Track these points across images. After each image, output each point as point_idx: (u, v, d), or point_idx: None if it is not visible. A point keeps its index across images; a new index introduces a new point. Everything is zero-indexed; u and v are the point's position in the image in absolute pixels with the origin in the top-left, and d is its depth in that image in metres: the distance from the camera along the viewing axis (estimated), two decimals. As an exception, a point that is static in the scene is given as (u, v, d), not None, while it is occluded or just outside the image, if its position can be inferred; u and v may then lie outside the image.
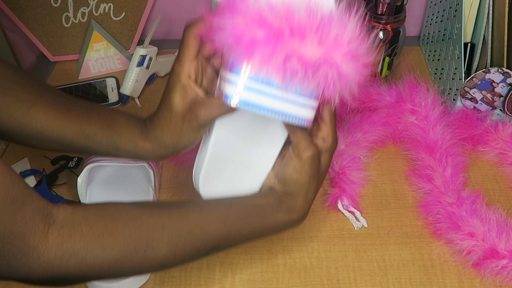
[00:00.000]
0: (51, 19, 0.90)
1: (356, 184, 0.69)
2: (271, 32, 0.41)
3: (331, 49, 0.42)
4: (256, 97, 0.44)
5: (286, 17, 0.41)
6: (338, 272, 0.61)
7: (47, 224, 0.43)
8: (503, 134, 0.74)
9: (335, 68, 0.43)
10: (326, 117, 0.51)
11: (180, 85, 0.49)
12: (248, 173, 0.55)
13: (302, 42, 0.42)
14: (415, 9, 0.96)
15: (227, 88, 0.44)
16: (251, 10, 0.42)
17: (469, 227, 0.61)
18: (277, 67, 0.42)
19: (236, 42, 0.42)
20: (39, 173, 0.72)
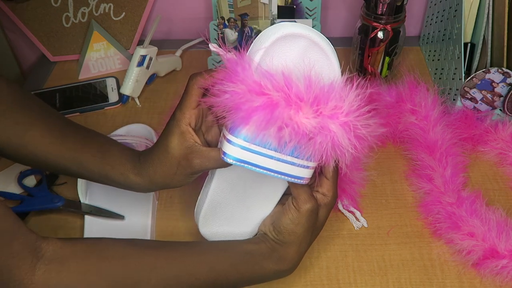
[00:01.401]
0: (51, 19, 0.90)
1: (356, 184, 0.69)
2: (268, 101, 0.43)
3: (327, 118, 0.44)
4: (252, 157, 0.46)
5: (284, 87, 0.43)
6: (338, 272, 0.61)
7: (35, 258, 0.42)
8: (503, 134, 0.74)
9: (330, 137, 0.44)
10: (328, 173, 0.53)
11: (179, 131, 0.50)
12: (246, 217, 0.56)
13: (297, 112, 0.43)
14: (415, 9, 0.96)
15: (225, 146, 0.47)
16: (251, 78, 0.43)
17: (469, 227, 0.61)
18: (271, 135, 0.44)
19: (235, 107, 0.44)
20: (39, 173, 0.72)
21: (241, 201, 0.56)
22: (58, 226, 0.67)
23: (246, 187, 0.55)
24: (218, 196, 0.55)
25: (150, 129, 0.77)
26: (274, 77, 0.44)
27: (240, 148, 0.46)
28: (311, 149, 0.45)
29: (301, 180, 0.49)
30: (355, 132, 0.45)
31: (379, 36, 0.82)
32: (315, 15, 0.86)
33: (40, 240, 0.44)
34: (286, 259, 0.53)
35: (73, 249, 0.45)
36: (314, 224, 0.53)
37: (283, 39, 0.45)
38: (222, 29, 0.86)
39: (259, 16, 0.84)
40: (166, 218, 0.68)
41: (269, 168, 0.47)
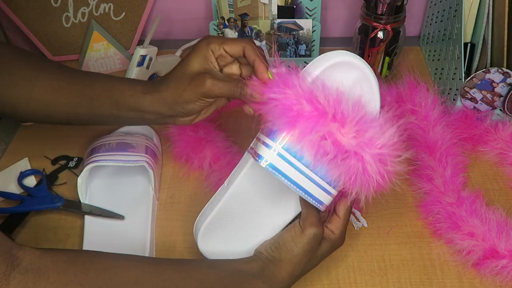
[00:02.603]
0: (51, 19, 0.90)
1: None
2: (317, 109, 0.45)
3: (364, 145, 0.46)
4: (284, 166, 0.48)
5: (334, 101, 0.45)
6: (338, 272, 0.61)
7: (9, 267, 0.40)
8: (503, 134, 0.74)
9: (360, 163, 0.46)
10: (340, 212, 0.54)
11: (202, 53, 0.52)
12: (250, 236, 0.56)
13: (341, 129, 0.45)
14: (415, 9, 0.96)
15: (262, 149, 0.48)
16: (304, 86, 0.45)
17: (469, 227, 0.61)
18: (312, 143, 0.46)
19: (283, 111, 0.46)
20: (39, 173, 0.72)
21: (248, 221, 0.56)
22: (58, 226, 0.67)
23: (256, 207, 0.55)
24: (230, 206, 0.55)
25: (150, 129, 0.77)
26: (327, 89, 0.46)
27: (276, 155, 0.47)
28: (341, 171, 0.46)
29: (320, 205, 0.50)
30: (384, 166, 0.47)
31: (379, 36, 0.82)
32: (315, 15, 0.86)
33: (16, 248, 0.42)
34: (277, 278, 0.52)
35: (54, 259, 0.43)
36: (314, 252, 0.53)
37: (340, 65, 0.48)
38: (222, 29, 0.86)
39: (259, 16, 0.84)
40: (166, 218, 0.68)
41: (296, 182, 0.48)
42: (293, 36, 0.86)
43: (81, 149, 0.75)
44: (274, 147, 0.48)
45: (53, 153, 0.76)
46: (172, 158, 0.75)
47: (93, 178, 0.70)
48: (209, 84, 0.51)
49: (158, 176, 0.71)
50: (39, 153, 0.76)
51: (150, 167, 0.66)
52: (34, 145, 0.78)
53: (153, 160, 0.68)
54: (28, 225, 0.67)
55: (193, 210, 0.68)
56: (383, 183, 0.48)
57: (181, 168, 0.74)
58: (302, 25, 0.85)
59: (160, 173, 0.73)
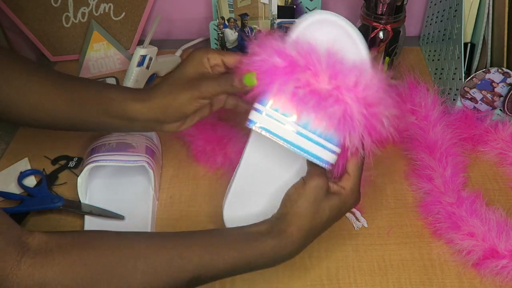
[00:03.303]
0: (51, 19, 0.90)
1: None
2: (288, 62, 0.47)
3: (343, 89, 0.47)
4: (275, 126, 0.50)
5: (305, 52, 0.48)
6: (338, 272, 0.61)
7: (20, 253, 0.42)
8: (503, 134, 0.74)
9: (342, 106, 0.47)
10: (350, 169, 0.54)
11: (198, 59, 0.54)
12: (270, 203, 0.56)
13: (315, 77, 0.47)
14: (415, 9, 0.96)
15: (252, 114, 0.51)
16: (277, 45, 0.49)
17: (469, 227, 0.61)
18: (292, 96, 0.48)
19: (262, 72, 0.49)
20: (39, 173, 0.72)
21: (265, 188, 0.57)
22: (58, 226, 0.67)
23: (269, 174, 0.56)
24: (243, 184, 0.56)
25: (150, 129, 0.77)
26: (300, 44, 0.48)
27: (266, 116, 0.50)
28: (326, 118, 0.48)
29: (322, 163, 0.51)
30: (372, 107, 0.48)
31: (379, 36, 0.82)
32: (315, 15, 0.86)
33: (26, 234, 0.44)
34: (286, 232, 0.51)
35: (59, 242, 0.45)
36: (319, 203, 0.52)
37: (319, 24, 0.50)
38: (222, 29, 0.86)
39: (259, 16, 0.84)
40: (166, 218, 0.68)
41: (291, 141, 0.50)
42: (293, 36, 0.86)
43: (81, 149, 0.75)
44: (263, 110, 0.50)
45: (53, 153, 0.76)
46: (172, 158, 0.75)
47: (93, 178, 0.70)
48: (204, 85, 0.53)
49: (158, 176, 0.71)
50: (39, 153, 0.76)
51: (150, 167, 0.66)
52: (34, 145, 0.78)
53: (153, 160, 0.68)
54: (28, 225, 0.67)
55: (193, 210, 0.68)
56: (373, 127, 0.49)
57: (181, 168, 0.74)
58: (302, 25, 0.85)
59: (160, 173, 0.73)
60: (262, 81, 0.49)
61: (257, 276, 0.61)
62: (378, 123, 0.50)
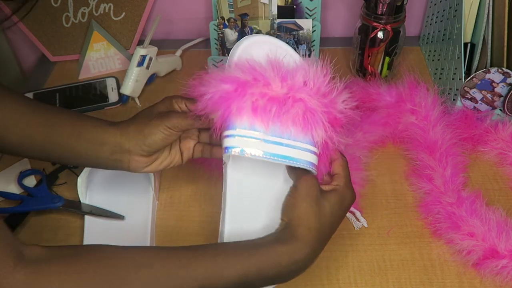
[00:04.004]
0: (51, 19, 0.90)
1: (356, 184, 0.69)
2: (237, 82, 0.49)
3: (297, 89, 0.50)
4: (251, 143, 0.50)
5: (248, 69, 0.50)
6: (338, 272, 0.61)
7: (16, 261, 0.41)
8: (503, 134, 0.74)
9: (302, 103, 0.49)
10: (336, 169, 0.55)
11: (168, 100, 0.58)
12: (267, 212, 0.55)
13: (268, 86, 0.50)
14: (415, 9, 0.96)
15: (225, 141, 0.51)
16: (218, 75, 0.51)
17: (469, 227, 0.61)
18: (252, 110, 0.49)
19: (212, 102, 0.50)
20: (39, 173, 0.72)
21: (258, 204, 0.56)
22: (58, 226, 0.67)
23: (258, 188, 0.56)
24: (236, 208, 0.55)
25: (150, 129, 0.77)
26: (240, 65, 0.51)
27: (237, 138, 0.50)
28: (291, 119, 0.49)
29: (305, 164, 0.51)
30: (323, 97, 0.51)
31: (379, 36, 0.82)
32: (315, 15, 0.86)
33: (24, 246, 0.43)
34: (296, 236, 0.49)
35: (57, 252, 0.44)
36: (317, 198, 0.51)
37: (250, 46, 0.53)
38: (222, 29, 0.86)
39: (259, 16, 0.84)
40: (166, 218, 0.68)
41: (269, 152, 0.50)
42: (293, 36, 0.86)
43: (81, 149, 0.75)
44: (233, 133, 0.50)
45: (53, 153, 0.76)
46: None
47: (93, 178, 0.70)
48: (173, 115, 0.56)
49: (158, 176, 0.71)
50: (39, 153, 0.76)
51: (150, 167, 0.66)
52: (34, 145, 0.78)
53: (153, 160, 0.68)
54: (28, 225, 0.67)
55: (193, 210, 0.68)
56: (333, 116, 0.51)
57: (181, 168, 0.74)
58: (302, 25, 0.85)
59: (160, 173, 0.73)
60: (221, 109, 0.50)
61: (257, 276, 0.61)
62: (336, 111, 0.52)
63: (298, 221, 0.50)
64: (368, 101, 0.78)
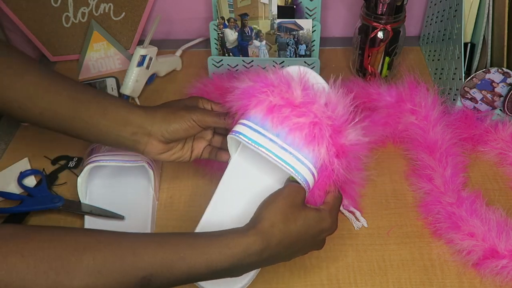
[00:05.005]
0: (51, 19, 0.90)
1: (356, 184, 0.69)
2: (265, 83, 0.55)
3: (313, 104, 0.53)
4: (256, 136, 0.54)
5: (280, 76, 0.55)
6: (338, 272, 0.61)
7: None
8: (503, 134, 0.74)
9: (313, 116, 0.53)
10: (328, 199, 0.56)
11: (194, 99, 0.63)
12: (248, 201, 0.57)
13: (289, 91, 0.54)
14: (415, 9, 0.96)
15: (237, 127, 0.56)
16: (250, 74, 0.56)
17: (469, 227, 0.61)
18: (268, 109, 0.54)
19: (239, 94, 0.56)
20: (39, 173, 0.72)
21: (244, 192, 0.58)
22: (58, 226, 0.67)
23: (252, 178, 0.59)
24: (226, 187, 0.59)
25: (150, 129, 0.77)
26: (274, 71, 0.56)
27: (248, 128, 0.54)
28: (299, 127, 0.53)
29: (299, 176, 0.53)
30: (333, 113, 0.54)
31: (379, 36, 0.82)
32: (315, 15, 0.86)
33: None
34: (256, 229, 0.49)
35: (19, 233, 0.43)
36: (295, 208, 0.51)
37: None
38: (222, 29, 0.86)
39: (259, 16, 0.84)
40: (166, 218, 0.68)
41: (270, 150, 0.53)
42: (293, 36, 0.86)
43: (81, 149, 0.75)
44: (246, 123, 0.55)
45: (53, 153, 0.76)
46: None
47: (93, 178, 0.70)
48: (200, 111, 0.59)
49: (158, 176, 0.71)
50: (39, 153, 0.76)
51: (150, 167, 0.66)
52: (34, 145, 0.78)
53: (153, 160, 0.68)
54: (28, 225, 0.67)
55: (193, 210, 0.68)
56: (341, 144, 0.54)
57: (181, 168, 0.74)
58: (302, 25, 0.85)
59: (160, 173, 0.73)
60: (243, 101, 0.55)
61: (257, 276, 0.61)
62: (344, 139, 0.54)
63: (265, 215, 0.51)
64: (368, 101, 0.78)
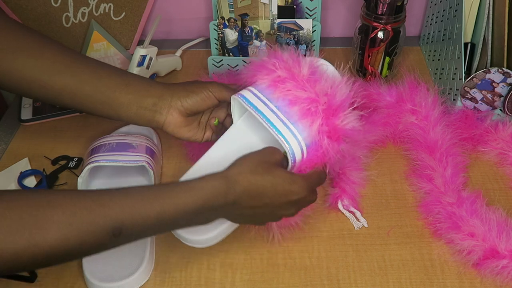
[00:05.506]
0: (51, 19, 0.90)
1: (356, 184, 0.69)
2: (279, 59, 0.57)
3: (315, 84, 0.55)
4: (258, 103, 0.57)
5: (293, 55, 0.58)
6: (339, 272, 0.61)
7: None
8: (503, 134, 0.74)
9: (313, 95, 0.55)
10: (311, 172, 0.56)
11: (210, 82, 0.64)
12: None
13: (296, 68, 0.56)
14: (415, 9, 0.96)
15: (243, 92, 0.59)
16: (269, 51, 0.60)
17: (469, 227, 0.61)
18: (273, 80, 0.57)
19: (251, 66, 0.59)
20: (39, 173, 0.72)
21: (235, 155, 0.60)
22: (58, 226, 0.67)
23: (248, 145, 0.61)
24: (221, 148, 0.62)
25: (150, 129, 0.77)
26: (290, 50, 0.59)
27: (252, 94, 0.57)
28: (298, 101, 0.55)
29: (287, 145, 0.55)
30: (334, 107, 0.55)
31: (379, 36, 0.82)
32: (315, 15, 0.86)
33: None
34: (224, 173, 0.51)
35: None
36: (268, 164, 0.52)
37: None
38: (222, 29, 0.86)
39: (259, 16, 0.84)
40: (166, 218, 0.68)
41: (266, 116, 0.55)
42: (293, 36, 0.86)
43: (81, 149, 0.75)
44: (251, 89, 0.58)
45: (53, 153, 0.76)
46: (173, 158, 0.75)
47: (93, 178, 0.70)
48: (217, 84, 0.62)
49: (158, 176, 0.71)
50: (39, 153, 0.76)
51: (150, 167, 0.66)
52: (34, 145, 0.78)
53: (153, 160, 0.68)
54: (28, 225, 0.67)
55: (193, 210, 0.68)
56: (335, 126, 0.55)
57: (181, 168, 0.74)
58: (302, 25, 0.85)
59: (160, 173, 0.73)
60: (255, 70, 0.58)
61: (257, 276, 0.61)
62: (339, 121, 0.55)
63: (235, 164, 0.53)
64: (368, 101, 0.78)
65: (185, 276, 0.61)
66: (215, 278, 0.61)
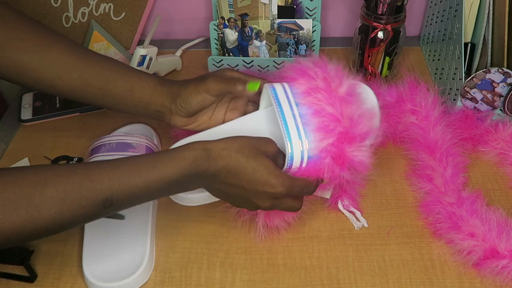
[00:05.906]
0: (51, 19, 0.90)
1: (356, 184, 0.69)
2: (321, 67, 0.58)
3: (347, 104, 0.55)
4: (283, 102, 0.57)
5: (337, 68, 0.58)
6: (339, 272, 0.61)
7: None
8: (503, 134, 0.74)
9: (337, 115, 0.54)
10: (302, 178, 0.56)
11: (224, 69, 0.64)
12: None
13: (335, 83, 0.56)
14: (415, 9, 0.96)
15: (275, 84, 0.59)
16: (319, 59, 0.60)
17: (469, 227, 0.61)
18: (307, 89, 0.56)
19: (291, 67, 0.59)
20: (39, 173, 0.72)
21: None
22: (58, 226, 0.67)
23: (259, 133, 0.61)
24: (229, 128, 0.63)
25: (150, 129, 0.77)
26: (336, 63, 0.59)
27: (283, 90, 0.58)
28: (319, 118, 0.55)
29: (289, 143, 0.54)
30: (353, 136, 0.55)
31: (379, 36, 0.82)
32: (315, 15, 0.86)
33: None
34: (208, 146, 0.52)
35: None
36: (256, 147, 0.53)
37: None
38: (222, 29, 0.86)
39: (259, 16, 0.84)
40: (166, 218, 0.68)
41: (284, 116, 0.55)
42: (293, 36, 0.86)
43: (81, 149, 0.75)
44: (284, 87, 0.58)
45: (53, 153, 0.76)
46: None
47: (93, 178, 0.69)
48: (210, 80, 0.61)
49: (158, 176, 0.71)
50: (39, 153, 0.76)
51: (150, 167, 0.66)
52: (34, 145, 0.78)
53: (153, 160, 0.68)
54: (28, 225, 0.67)
55: (193, 210, 0.68)
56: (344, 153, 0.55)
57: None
58: (302, 25, 0.85)
59: (160, 173, 0.73)
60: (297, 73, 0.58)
61: (257, 276, 0.61)
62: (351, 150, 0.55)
63: (225, 138, 0.53)
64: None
65: (185, 276, 0.61)
66: (215, 278, 0.61)
